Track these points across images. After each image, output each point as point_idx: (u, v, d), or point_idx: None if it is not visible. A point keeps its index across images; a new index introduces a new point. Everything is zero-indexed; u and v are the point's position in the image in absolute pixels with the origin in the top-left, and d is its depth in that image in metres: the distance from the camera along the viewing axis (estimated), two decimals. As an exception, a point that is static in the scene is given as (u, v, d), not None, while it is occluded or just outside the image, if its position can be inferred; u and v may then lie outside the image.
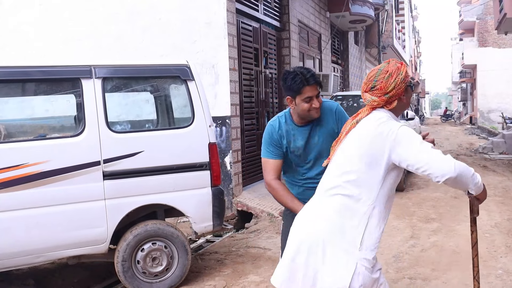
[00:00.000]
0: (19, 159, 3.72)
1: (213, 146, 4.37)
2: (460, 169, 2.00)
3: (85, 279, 4.82)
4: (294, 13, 9.89)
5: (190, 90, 4.35)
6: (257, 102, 8.34)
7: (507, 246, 5.23)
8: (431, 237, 5.72)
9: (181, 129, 4.38)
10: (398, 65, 2.21)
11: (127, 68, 4.35)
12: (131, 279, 4.09)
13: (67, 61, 4.17)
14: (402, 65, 2.24)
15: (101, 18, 7.44)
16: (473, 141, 20.02)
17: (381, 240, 2.32)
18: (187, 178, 4.28)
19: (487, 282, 4.22)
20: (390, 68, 2.19)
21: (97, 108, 4.01)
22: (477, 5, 31.66)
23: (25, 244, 3.75)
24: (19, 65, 3.96)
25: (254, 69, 8.21)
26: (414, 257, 4.99)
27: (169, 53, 6.88)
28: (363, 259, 2.06)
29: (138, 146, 4.10)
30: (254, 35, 8.26)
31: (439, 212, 6.97)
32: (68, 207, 3.87)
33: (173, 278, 4.24)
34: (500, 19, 14.67)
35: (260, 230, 6.21)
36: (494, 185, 9.20)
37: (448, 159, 2.01)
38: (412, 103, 47.90)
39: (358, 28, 15.36)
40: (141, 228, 4.13)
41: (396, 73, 2.18)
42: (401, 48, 25.16)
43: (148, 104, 5.06)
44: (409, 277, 4.40)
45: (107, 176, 3.98)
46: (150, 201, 4.16)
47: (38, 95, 4.55)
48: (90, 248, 4.00)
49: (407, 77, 2.20)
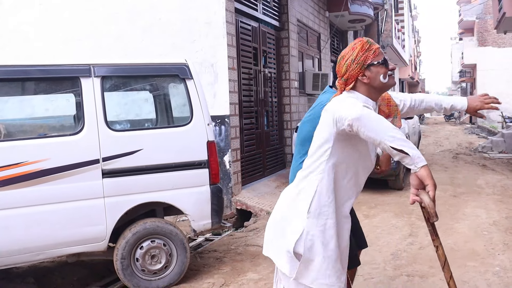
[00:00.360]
0: (19, 157, 3.75)
1: (211, 144, 4.39)
2: (368, 115, 1.90)
3: (84, 277, 4.84)
4: (293, 12, 9.92)
5: (189, 89, 4.37)
6: (256, 101, 8.36)
7: (505, 244, 5.25)
8: (429, 235, 5.72)
9: (180, 128, 4.41)
10: (354, 45, 2.16)
11: (126, 67, 4.37)
12: (130, 277, 4.11)
13: (66, 60, 4.19)
14: (360, 43, 2.15)
15: (101, 18, 7.46)
16: (472, 140, 20.04)
17: (379, 237, 2.34)
18: (186, 176, 4.31)
19: (485, 279, 4.24)
20: (345, 51, 2.17)
21: (96, 106, 4.04)
22: (476, 5, 31.66)
23: (24, 242, 3.77)
24: (18, 64, 3.99)
25: (253, 68, 8.23)
26: (412, 254, 5.01)
27: (168, 52, 6.91)
28: (310, 225, 2.13)
29: (136, 145, 4.12)
30: (253, 35, 8.28)
31: (437, 210, 6.85)
32: (68, 205, 3.89)
33: (172, 275, 4.27)
34: (499, 18, 14.70)
35: (259, 228, 6.24)
36: (493, 183, 9.23)
37: (359, 107, 1.94)
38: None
39: (357, 28, 15.37)
40: (140, 226, 4.15)
41: (348, 54, 2.14)
42: (400, 47, 25.17)
43: (147, 102, 5.08)
44: (407, 274, 4.42)
45: (106, 174, 4.00)
46: (149, 199, 4.19)
47: (37, 94, 4.57)
48: (89, 246, 4.02)
49: (364, 56, 2.11)
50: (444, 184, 9.18)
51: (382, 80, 2.13)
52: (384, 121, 1.90)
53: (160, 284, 4.21)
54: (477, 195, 8.15)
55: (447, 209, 7.08)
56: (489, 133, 23.40)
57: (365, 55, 2.11)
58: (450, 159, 13.28)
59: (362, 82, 2.13)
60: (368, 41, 2.16)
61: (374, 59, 2.12)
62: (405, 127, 8.98)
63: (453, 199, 7.79)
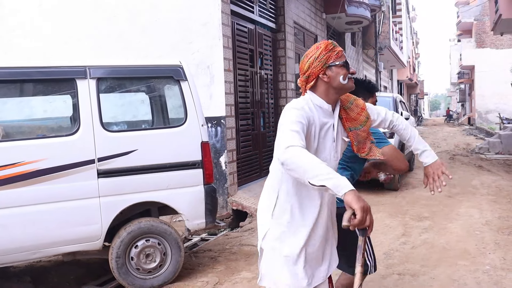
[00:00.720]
0: (15, 157, 3.81)
1: (205, 145, 4.45)
2: (290, 159, 1.92)
3: (80, 276, 4.90)
4: (290, 14, 9.99)
5: (183, 90, 4.44)
6: (253, 103, 8.42)
7: (496, 243, 5.32)
8: (422, 234, 5.81)
9: (174, 128, 4.47)
10: (318, 44, 2.24)
11: (121, 69, 4.44)
12: (125, 275, 4.17)
13: (62, 62, 4.25)
14: (323, 44, 2.23)
15: (101, 19, 7.54)
16: (470, 141, 20.12)
17: (372, 237, 2.42)
18: (180, 176, 4.37)
19: (474, 277, 4.31)
20: (309, 50, 2.25)
21: (91, 107, 4.10)
22: (474, 6, 31.75)
23: (21, 241, 3.83)
24: (14, 66, 4.05)
25: (250, 70, 8.30)
26: (404, 254, 5.08)
27: (166, 53, 6.98)
28: (272, 227, 2.25)
29: (131, 145, 4.18)
30: (250, 37, 8.35)
31: (432, 211, 7.06)
32: (63, 205, 3.95)
33: (167, 274, 4.33)
34: (495, 20, 14.77)
35: (254, 228, 6.30)
36: (488, 184, 9.31)
37: (283, 147, 1.96)
38: (411, 104, 48.09)
39: (354, 29, 15.45)
40: (135, 225, 4.21)
41: (312, 52, 2.22)
42: (398, 49, 25.25)
43: (142, 103, 5.15)
44: (398, 273, 4.48)
45: (101, 174, 4.06)
46: (143, 199, 4.25)
47: (33, 96, 4.63)
48: (85, 245, 4.08)
49: (327, 55, 2.18)
50: (439, 185, 9.24)
51: (341, 81, 2.20)
52: (305, 160, 1.89)
53: (154, 283, 4.27)
54: (471, 195, 8.23)
55: (441, 209, 7.15)
56: (487, 134, 23.46)
57: (328, 54, 2.19)
58: (446, 160, 13.34)
59: (323, 80, 2.20)
60: (332, 43, 2.24)
61: (336, 60, 2.20)
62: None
63: (448, 200, 7.86)
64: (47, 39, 7.72)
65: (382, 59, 22.35)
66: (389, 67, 28.82)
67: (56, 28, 7.74)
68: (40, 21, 7.87)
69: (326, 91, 2.22)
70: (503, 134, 15.83)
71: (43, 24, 7.83)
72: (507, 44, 31.43)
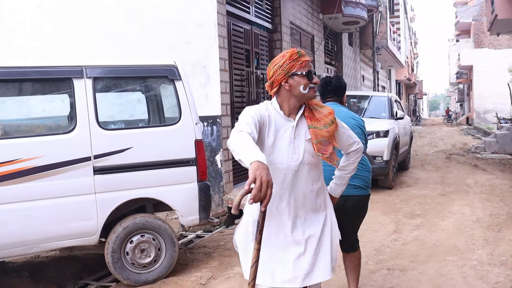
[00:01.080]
0: (13, 154, 3.91)
1: (199, 143, 4.56)
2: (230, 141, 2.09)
3: (77, 271, 5.00)
4: (286, 15, 10.09)
5: (177, 89, 4.55)
6: (249, 102, 8.52)
7: (485, 239, 5.43)
8: (413, 231, 5.91)
9: (168, 127, 4.58)
10: (285, 53, 2.34)
11: (117, 68, 4.55)
12: (121, 270, 4.28)
13: (60, 62, 4.36)
14: (289, 52, 2.32)
15: (100, 19, 7.64)
16: (467, 141, 20.21)
17: (364, 234, 2.51)
18: (175, 173, 4.48)
19: (461, 272, 4.42)
20: (276, 57, 2.36)
21: (88, 106, 4.21)
22: (471, 6, 31.86)
23: (19, 236, 3.94)
24: (13, 66, 4.16)
25: (246, 69, 8.40)
26: (395, 250, 5.18)
27: (164, 53, 7.07)
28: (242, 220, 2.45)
29: (127, 143, 4.29)
30: (246, 37, 8.45)
31: (424, 209, 7.16)
32: (60, 201, 4.06)
33: (161, 269, 4.43)
34: (492, 20, 14.87)
35: (249, 225, 6.40)
36: (482, 183, 9.41)
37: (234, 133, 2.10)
38: (409, 104, 48.17)
39: (351, 30, 15.55)
40: (130, 220, 4.32)
41: (278, 60, 2.33)
42: (396, 49, 25.35)
43: (137, 102, 5.25)
44: (387, 268, 4.59)
45: (97, 171, 4.17)
46: (138, 195, 4.36)
47: (31, 95, 4.73)
48: (81, 240, 4.19)
49: (290, 64, 2.28)
50: (435, 184, 9.36)
51: (301, 91, 2.30)
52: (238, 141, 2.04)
53: (149, 277, 4.38)
54: (465, 193, 8.33)
55: (434, 207, 7.25)
56: (484, 134, 23.57)
57: (292, 64, 2.29)
58: (443, 159, 13.46)
59: (284, 88, 2.32)
60: (298, 52, 2.33)
61: (299, 69, 2.29)
62: (395, 127, 9.15)
63: (441, 198, 7.97)
64: (47, 39, 7.82)
65: (380, 59, 22.45)
66: (387, 67, 28.93)
67: (55, 28, 7.84)
68: (39, 21, 7.97)
69: (288, 98, 2.34)
70: (499, 133, 15.94)
71: (43, 24, 7.93)
72: (505, 44, 31.56)
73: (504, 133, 15.58)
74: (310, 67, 2.33)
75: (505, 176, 10.18)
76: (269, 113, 2.33)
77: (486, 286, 4.06)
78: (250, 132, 2.10)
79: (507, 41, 31.06)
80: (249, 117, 2.21)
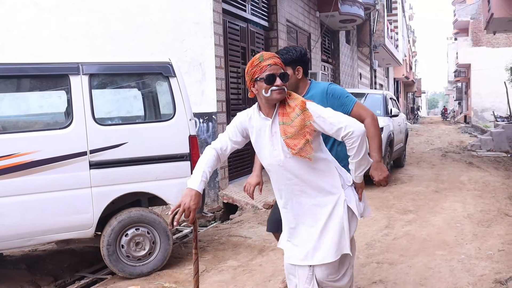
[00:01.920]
0: (11, 149, 4.01)
1: (193, 139, 4.66)
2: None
3: (74, 264, 5.11)
4: (283, 13, 10.18)
5: (172, 86, 4.64)
6: (244, 99, 8.62)
7: (474, 235, 5.53)
8: (405, 227, 6.01)
9: (163, 122, 4.68)
10: (251, 60, 2.46)
11: (112, 65, 4.64)
12: (116, 262, 4.38)
13: (56, 59, 4.45)
14: (252, 60, 2.45)
15: (96, 18, 7.73)
16: (464, 139, 20.31)
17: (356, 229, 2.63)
18: (169, 168, 4.57)
19: (449, 265, 4.52)
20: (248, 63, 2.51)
21: (84, 102, 4.30)
22: (469, 5, 31.94)
23: (16, 228, 4.03)
24: (10, 62, 4.26)
25: (242, 67, 8.48)
26: (385, 244, 5.28)
27: (159, 51, 7.16)
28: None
29: (122, 138, 4.39)
30: (242, 34, 8.54)
31: (417, 205, 7.26)
32: (57, 194, 4.16)
33: (156, 262, 4.53)
34: (488, 18, 14.98)
35: (244, 221, 6.51)
36: (475, 180, 9.51)
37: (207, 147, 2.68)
38: (408, 102, 48.26)
39: (348, 28, 15.63)
40: (125, 214, 4.42)
41: (247, 67, 2.47)
42: (393, 47, 25.42)
43: (133, 99, 5.35)
44: (377, 262, 4.68)
45: (93, 165, 4.27)
46: (133, 189, 4.45)
47: (29, 91, 4.82)
48: (77, 233, 4.29)
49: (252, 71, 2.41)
50: (429, 181, 9.46)
51: (264, 94, 2.41)
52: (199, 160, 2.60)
53: (144, 270, 4.48)
54: (458, 190, 8.43)
55: (426, 204, 7.35)
56: (482, 132, 23.66)
57: (253, 70, 2.42)
58: (438, 157, 13.56)
59: (254, 93, 2.48)
60: (259, 58, 2.42)
61: (260, 74, 2.39)
62: (390, 124, 9.24)
63: (434, 194, 8.07)
64: (44, 39, 7.89)
65: (377, 57, 22.54)
66: (384, 65, 29.02)
67: (52, 27, 7.92)
68: (36, 21, 8.04)
69: (260, 100, 2.51)
70: (494, 131, 16.05)
71: (40, 24, 8.00)
72: (503, 43, 31.63)
73: (499, 131, 15.69)
74: (273, 70, 2.38)
75: (498, 174, 10.29)
76: (251, 116, 2.57)
77: (472, 279, 4.16)
78: (218, 147, 2.61)
79: (505, 40, 31.14)
80: (231, 126, 2.63)
